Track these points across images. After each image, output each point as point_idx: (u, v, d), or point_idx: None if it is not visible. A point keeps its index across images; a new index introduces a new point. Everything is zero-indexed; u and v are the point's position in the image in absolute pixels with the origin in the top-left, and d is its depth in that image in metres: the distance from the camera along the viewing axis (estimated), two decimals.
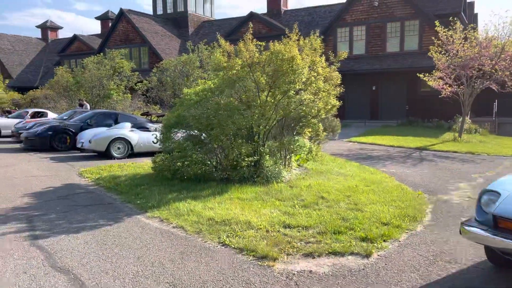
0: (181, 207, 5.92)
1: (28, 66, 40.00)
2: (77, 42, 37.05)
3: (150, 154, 12.40)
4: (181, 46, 32.14)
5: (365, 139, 16.59)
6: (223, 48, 7.57)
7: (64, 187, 7.82)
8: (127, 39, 31.39)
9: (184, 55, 17.73)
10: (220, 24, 33.65)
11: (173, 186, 7.28)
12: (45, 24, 43.18)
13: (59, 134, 13.65)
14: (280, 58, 6.95)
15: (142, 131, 12.53)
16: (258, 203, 6.10)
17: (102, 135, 11.72)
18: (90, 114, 14.59)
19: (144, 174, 8.69)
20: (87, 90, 21.86)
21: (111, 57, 22.07)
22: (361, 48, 22.78)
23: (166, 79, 17.45)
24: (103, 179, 8.33)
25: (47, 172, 9.47)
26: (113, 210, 6.06)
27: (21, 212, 5.94)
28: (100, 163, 10.88)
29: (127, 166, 10.00)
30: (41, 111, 19.50)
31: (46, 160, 11.35)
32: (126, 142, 11.91)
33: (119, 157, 11.77)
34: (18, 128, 16.10)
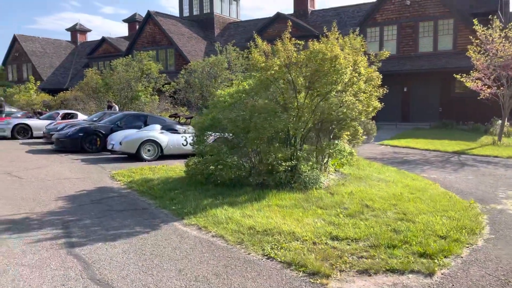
0: (218, 214, 5.64)
1: (58, 68, 40.84)
2: (105, 44, 37.58)
3: (179, 156, 12.26)
4: (207, 47, 32.11)
5: (398, 142, 16.02)
6: (260, 48, 7.27)
7: (97, 190, 7.67)
8: (154, 41, 31.56)
9: (212, 57, 17.56)
10: (245, 25, 33.48)
11: (207, 191, 7.02)
12: (75, 27, 43.99)
13: (89, 136, 13.65)
14: (321, 57, 6.60)
15: (172, 133, 12.38)
16: (299, 211, 5.76)
17: (133, 137, 11.61)
18: (120, 116, 14.55)
19: (176, 177, 8.47)
20: (115, 92, 21.99)
21: (139, 59, 22.14)
22: (392, 48, 22.11)
23: (194, 81, 17.31)
24: (135, 182, 8.16)
25: (79, 174, 9.39)
26: (148, 216, 5.83)
27: (56, 217, 5.78)
28: (131, 165, 10.76)
29: (158, 169, 9.83)
30: (71, 113, 19.69)
31: (78, 162, 11.31)
32: (156, 144, 11.77)
33: (149, 159, 11.63)
34: (49, 130, 16.24)
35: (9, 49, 40.89)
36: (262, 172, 7.04)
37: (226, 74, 17.50)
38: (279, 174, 6.92)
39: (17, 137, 17.84)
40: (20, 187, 7.86)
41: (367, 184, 7.55)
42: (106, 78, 22.71)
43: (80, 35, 44.27)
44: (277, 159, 6.84)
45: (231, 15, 35.30)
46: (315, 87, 6.97)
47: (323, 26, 28.95)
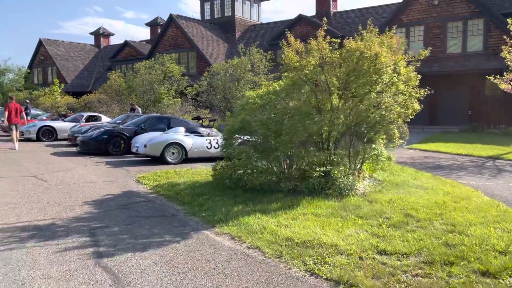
0: (251, 223, 5.28)
1: (81, 71, 41.33)
2: (128, 48, 37.83)
3: (203, 159, 11.98)
4: (227, 50, 31.95)
5: (427, 146, 15.40)
6: (292, 46, 6.91)
7: (123, 194, 7.42)
8: (175, 44, 31.56)
9: (236, 58, 17.29)
10: (266, 27, 33.20)
11: (237, 197, 6.68)
12: (98, 31, 44.50)
13: (113, 138, 13.52)
14: (357, 56, 6.19)
15: (196, 136, 12.12)
16: (337, 221, 5.36)
17: (157, 140, 11.38)
18: (144, 119, 14.39)
19: (203, 182, 8.17)
20: (138, 95, 21.95)
21: (161, 62, 22.06)
22: (419, 49, 21.39)
23: (217, 83, 17.06)
24: (161, 186, 7.89)
25: (104, 177, 9.18)
26: (178, 224, 5.52)
27: (82, 224, 5.52)
28: (156, 168, 10.53)
29: (183, 172, 9.55)
30: (95, 115, 19.70)
31: (102, 165, 11.14)
32: (180, 147, 11.51)
33: (173, 162, 11.39)
34: (74, 132, 16.22)
35: (35, 52, 41.60)
36: (294, 177, 6.65)
37: (249, 76, 17.20)
38: (312, 179, 6.53)
39: (42, 139, 17.90)
40: (45, 191, 7.68)
41: (406, 191, 7.08)
42: (129, 81, 22.73)
43: (103, 39, 44.75)
44: (310, 164, 6.45)
45: (252, 18, 35.07)
46: (350, 88, 6.56)
47: (345, 28, 28.39)
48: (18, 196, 7.19)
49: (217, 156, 12.10)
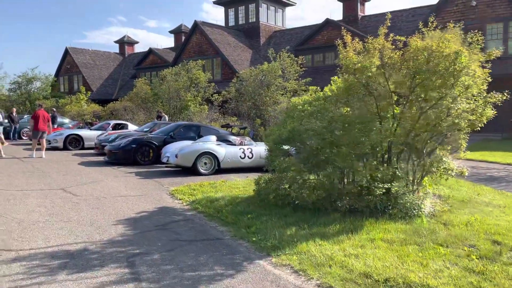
0: (313, 251, 4.49)
1: (106, 79, 41.43)
2: (152, 55, 37.70)
3: (236, 170, 11.26)
4: (252, 56, 31.35)
5: (471, 155, 14.19)
6: (349, 46, 6.12)
7: (159, 211, 6.73)
8: (200, 50, 31.14)
9: (265, 64, 16.58)
10: (291, 33, 32.49)
11: (286, 217, 5.90)
12: (123, 40, 44.64)
13: (142, 147, 12.94)
14: (426, 56, 5.36)
15: (228, 145, 11.41)
16: (415, 250, 4.51)
17: (189, 150, 10.71)
18: (173, 127, 13.79)
19: (244, 197, 7.41)
20: (164, 102, 21.48)
21: (188, 69, 21.55)
22: None
23: (246, 89, 16.38)
24: (199, 202, 7.17)
25: (136, 190, 8.54)
26: (226, 250, 4.76)
27: (118, 249, 4.83)
28: (188, 180, 9.85)
29: (219, 185, 8.83)
30: (121, 123, 19.27)
31: (132, 176, 10.53)
32: (213, 157, 10.82)
33: (205, 173, 10.70)
34: (101, 140, 15.76)
35: (61, 61, 41.94)
36: (351, 195, 5.83)
37: (279, 81, 16.46)
38: (373, 197, 5.69)
39: (69, 148, 17.52)
40: (75, 206, 7.06)
41: (478, 210, 6.17)
42: (155, 88, 22.30)
43: (127, 47, 44.86)
44: (371, 180, 5.62)
45: (277, 24, 34.41)
46: (415, 92, 5.72)
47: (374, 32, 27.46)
48: (46, 213, 6.59)
49: (250, 167, 11.38)
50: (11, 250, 4.80)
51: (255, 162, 11.33)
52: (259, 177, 7.15)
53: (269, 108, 15.66)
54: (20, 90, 35.85)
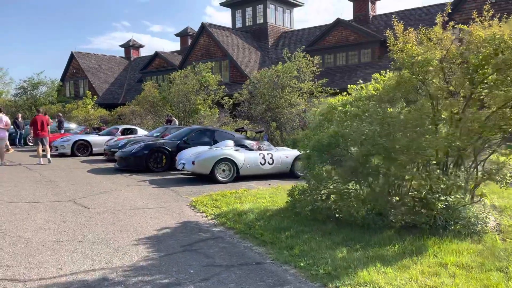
0: (379, 282, 3.71)
1: (112, 83, 40.81)
2: (158, 59, 37.05)
3: (256, 177, 10.50)
4: (260, 58, 30.64)
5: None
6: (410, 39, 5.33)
7: (182, 227, 5.98)
8: (207, 53, 30.44)
9: (280, 64, 15.82)
10: (300, 34, 31.75)
11: (331, 234, 5.13)
12: (128, 43, 44.07)
13: (154, 154, 12.22)
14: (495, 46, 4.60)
15: (247, 151, 10.65)
16: (500, 278, 3.73)
17: (206, 156, 9.96)
18: (186, 131, 13.05)
19: (274, 209, 6.64)
20: (173, 106, 20.77)
21: (197, 71, 20.84)
22: None
23: (261, 91, 15.62)
24: (225, 216, 6.41)
25: (152, 202, 7.79)
26: (272, 280, 3.99)
27: (144, 278, 4.07)
28: (207, 188, 9.11)
29: (243, 195, 8.06)
30: (130, 128, 18.57)
31: (146, 185, 9.79)
32: (231, 163, 10.07)
33: (224, 181, 9.95)
34: (110, 146, 15.06)
35: (67, 66, 41.37)
36: (407, 208, 5.05)
37: (294, 83, 15.71)
38: (431, 211, 4.91)
39: (77, 154, 16.83)
40: (88, 222, 6.32)
41: None
42: (164, 92, 21.60)
43: (133, 51, 44.26)
44: (431, 192, 4.84)
45: (285, 25, 33.68)
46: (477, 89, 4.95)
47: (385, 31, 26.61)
48: (56, 230, 5.85)
49: (271, 173, 10.62)
50: (17, 280, 4.05)
51: (276, 169, 10.58)
52: (292, 187, 6.38)
53: (285, 110, 14.89)
54: (25, 95, 35.29)
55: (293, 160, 10.71)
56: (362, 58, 25.50)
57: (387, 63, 25.12)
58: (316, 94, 15.49)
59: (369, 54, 25.33)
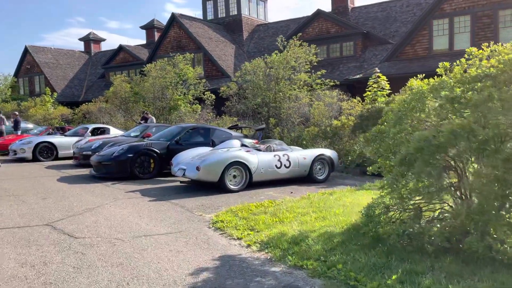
0: None
1: (71, 80, 37.44)
2: (122, 53, 34.22)
3: (268, 183, 8.76)
4: (236, 51, 28.77)
5: None
6: None
7: (225, 267, 4.11)
8: (179, 46, 28.13)
9: (274, 54, 14.08)
10: (276, 27, 30.14)
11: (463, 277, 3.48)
12: (88, 37, 40.71)
13: (141, 157, 10.15)
14: None
15: (260, 152, 8.85)
16: None
17: (215, 159, 8.07)
18: (177, 130, 11.03)
19: (337, 232, 4.92)
20: (149, 102, 18.51)
21: (174, 63, 18.69)
22: (464, 41, 18.67)
23: (256, 84, 13.78)
24: (276, 244, 4.61)
25: (159, 223, 5.85)
26: None
27: None
28: (220, 200, 7.27)
29: (275, 209, 6.28)
30: (102, 127, 16.19)
31: (138, 197, 7.78)
32: (243, 168, 8.25)
33: (235, 190, 8.12)
34: (82, 149, 12.76)
35: (20, 61, 37.51)
36: None
37: (289, 74, 14.03)
38: None
39: (40, 159, 14.32)
40: (82, 263, 4.32)
41: None
42: (136, 86, 19.24)
43: (94, 44, 40.93)
44: None
45: (259, 17, 31.96)
46: None
47: (367, 24, 25.38)
48: (38, 281, 3.83)
49: (287, 178, 8.91)
50: None
51: (293, 172, 8.88)
52: (368, 206, 4.66)
53: (284, 105, 13.17)
54: None
55: (312, 162, 9.04)
56: (344, 51, 24.24)
57: (370, 56, 24.06)
58: (315, 87, 13.90)
59: (351, 47, 24.12)
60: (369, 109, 9.98)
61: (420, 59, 19.56)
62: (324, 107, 12.13)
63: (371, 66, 22.26)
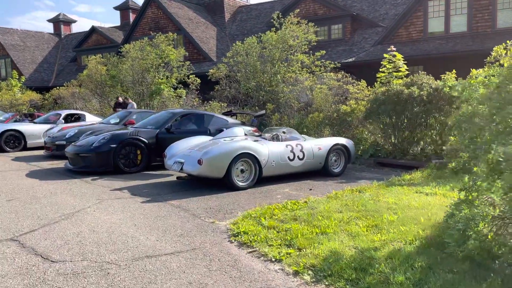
0: None
1: (41, 64, 34.67)
2: (95, 35, 31.81)
3: (278, 178, 7.46)
4: (218, 34, 27.03)
5: None
6: None
7: None
8: (157, 27, 26.10)
9: (269, 33, 12.62)
10: (259, 9, 28.53)
11: None
12: (58, 18, 37.80)
13: (126, 147, 8.62)
14: None
15: (269, 142, 7.49)
16: None
17: (219, 151, 6.65)
18: (167, 116, 9.50)
19: (410, 251, 3.68)
20: (128, 86, 16.74)
21: (155, 43, 16.94)
22: (461, 23, 17.76)
23: (253, 66, 12.30)
24: (338, 273, 3.31)
25: (164, 236, 4.44)
26: None
27: None
28: (228, 201, 5.93)
29: (307, 213, 4.97)
30: (76, 113, 14.39)
31: (127, 197, 6.31)
32: (252, 160, 6.88)
33: (244, 187, 6.77)
34: (55, 138, 11.05)
35: None
36: None
37: (285, 55, 12.65)
38: None
39: (6, 149, 12.50)
40: None
41: None
42: (112, 69, 17.39)
43: (64, 26, 38.07)
44: None
45: None
46: None
47: (355, 5, 24.05)
48: None
49: (301, 172, 7.62)
50: None
51: (307, 165, 7.59)
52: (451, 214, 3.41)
53: (284, 88, 11.78)
54: None
55: (327, 153, 7.77)
56: (332, 34, 23.00)
57: (360, 39, 22.91)
58: (314, 69, 12.59)
59: (340, 30, 22.90)
60: (385, 93, 8.76)
61: (415, 42, 18.57)
62: (328, 91, 10.85)
63: (360, 50, 21.17)
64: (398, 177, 7.19)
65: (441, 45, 17.52)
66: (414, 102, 8.42)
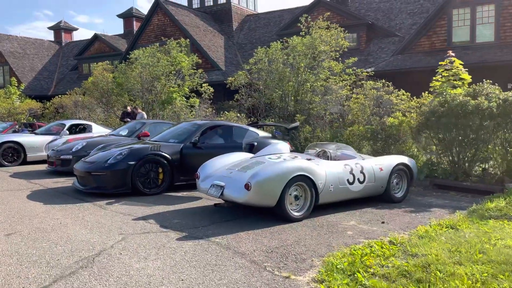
0: None
1: (40, 72, 33.28)
2: (98, 42, 30.57)
3: (332, 205, 6.12)
4: (225, 43, 25.86)
5: None
6: None
7: None
8: (163, 34, 24.86)
9: (296, 38, 11.37)
10: (268, 17, 27.45)
11: None
12: (59, 25, 36.53)
13: (146, 165, 7.25)
14: None
15: (325, 160, 6.17)
16: None
17: (271, 173, 5.29)
18: (190, 128, 8.15)
19: None
20: (136, 94, 15.41)
21: (166, 50, 15.67)
22: (489, 34, 16.68)
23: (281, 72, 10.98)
24: None
25: None
26: None
27: None
28: (289, 239, 4.60)
29: (415, 267, 3.64)
30: (82, 124, 12.98)
31: (158, 231, 4.93)
32: (308, 184, 5.53)
33: (298, 217, 5.42)
34: (60, 151, 9.66)
35: None
36: None
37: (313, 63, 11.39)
38: None
39: (4, 163, 11.08)
40: None
41: None
42: (119, 77, 16.06)
43: (65, 34, 36.79)
44: None
45: (249, 7, 29.16)
46: None
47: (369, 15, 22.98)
48: None
49: (360, 197, 6.29)
50: None
51: (368, 189, 6.26)
52: None
53: (316, 99, 10.50)
54: None
55: (390, 174, 6.46)
56: None
57: (376, 49, 21.81)
58: (345, 78, 11.35)
59: (354, 39, 21.77)
60: (445, 104, 7.50)
61: (439, 52, 17.40)
62: (365, 101, 9.59)
63: (377, 60, 20.08)
64: (479, 205, 5.88)
65: (467, 55, 16.38)
66: (481, 114, 7.17)
